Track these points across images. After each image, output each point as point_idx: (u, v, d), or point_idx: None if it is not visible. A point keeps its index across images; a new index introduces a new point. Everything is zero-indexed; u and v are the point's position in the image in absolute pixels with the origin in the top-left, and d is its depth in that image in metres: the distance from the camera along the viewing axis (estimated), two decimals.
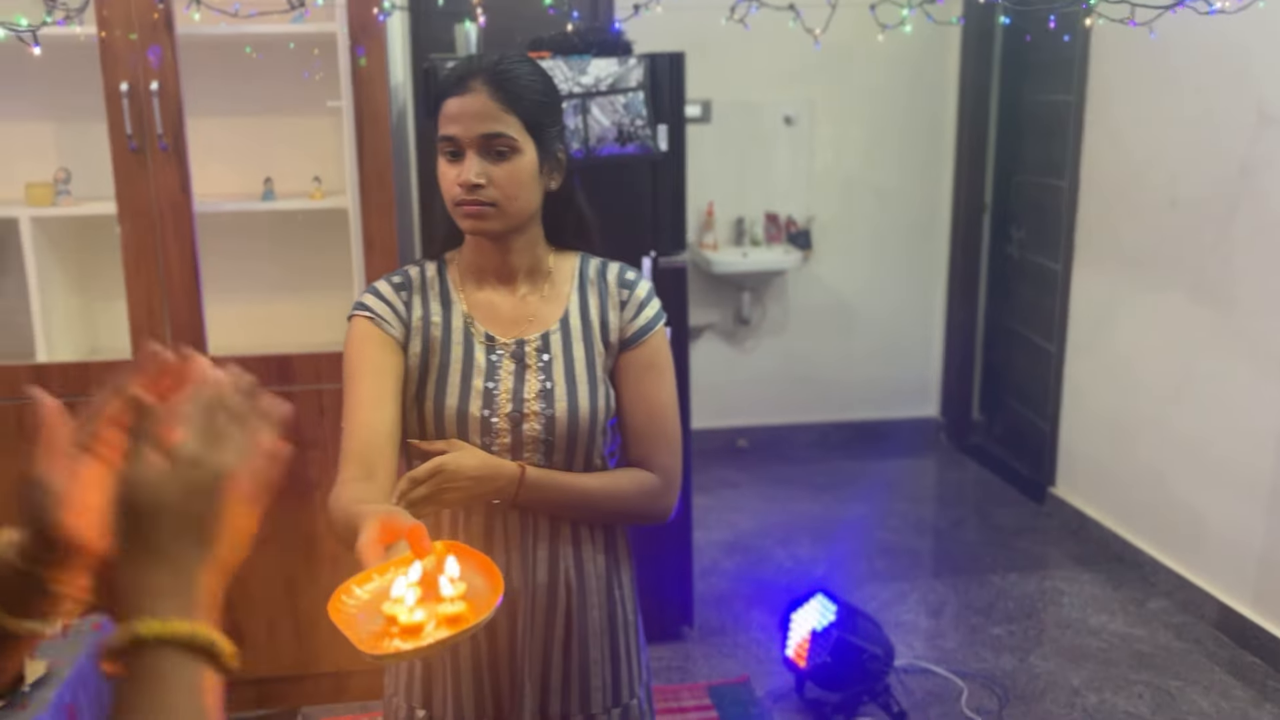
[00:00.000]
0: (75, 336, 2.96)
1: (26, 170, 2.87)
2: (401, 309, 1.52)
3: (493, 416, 1.48)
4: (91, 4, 2.50)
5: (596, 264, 1.59)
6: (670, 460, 1.55)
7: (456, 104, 1.42)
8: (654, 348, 1.55)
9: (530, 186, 1.45)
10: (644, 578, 3.17)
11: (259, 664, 2.96)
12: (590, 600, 1.56)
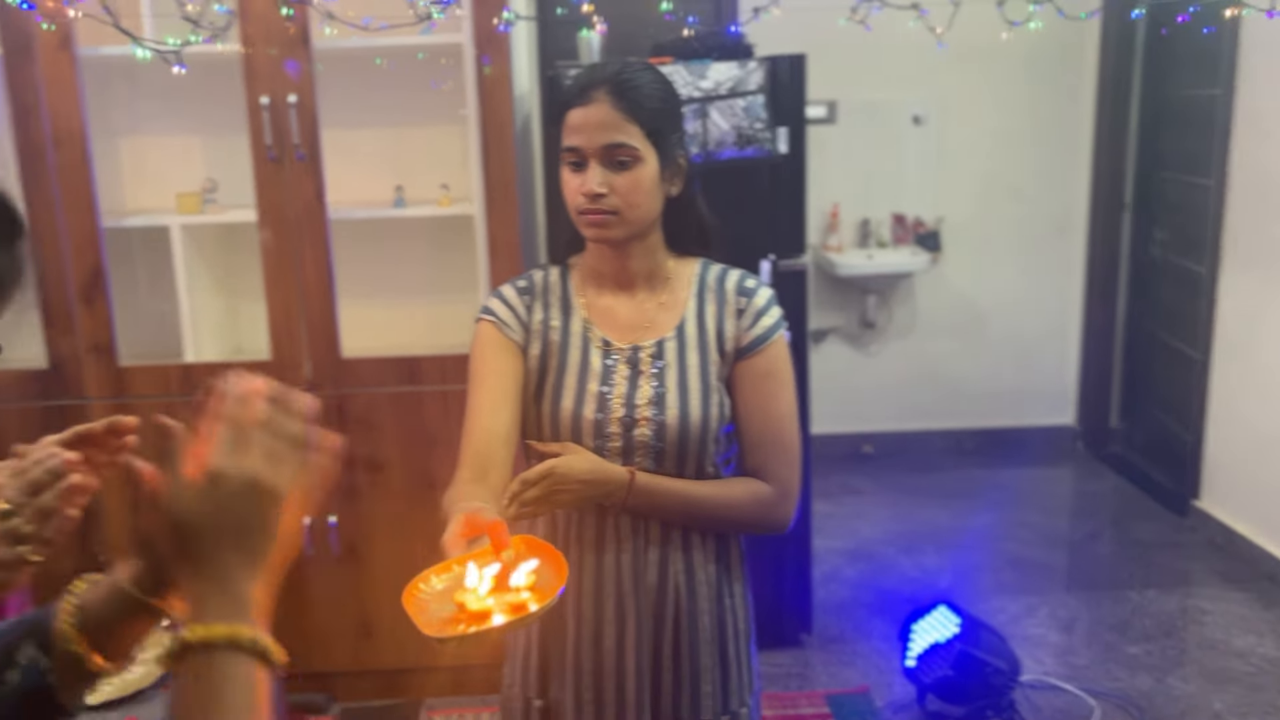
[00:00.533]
0: (219, 337, 3.12)
1: (177, 181, 3.05)
2: (523, 313, 1.56)
3: (605, 420, 1.50)
4: (235, 22, 2.64)
5: (717, 271, 1.59)
6: (786, 471, 1.54)
7: (579, 115, 1.45)
8: (771, 357, 1.54)
9: (651, 194, 1.47)
10: (762, 584, 3.15)
11: (385, 656, 3.07)
12: (700, 606, 1.56)
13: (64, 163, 2.75)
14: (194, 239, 2.98)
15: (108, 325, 2.84)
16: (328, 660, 3.06)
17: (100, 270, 2.81)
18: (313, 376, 2.91)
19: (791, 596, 3.30)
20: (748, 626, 1.64)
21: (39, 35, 2.66)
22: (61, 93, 2.71)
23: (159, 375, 2.89)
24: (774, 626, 3.26)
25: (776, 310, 1.56)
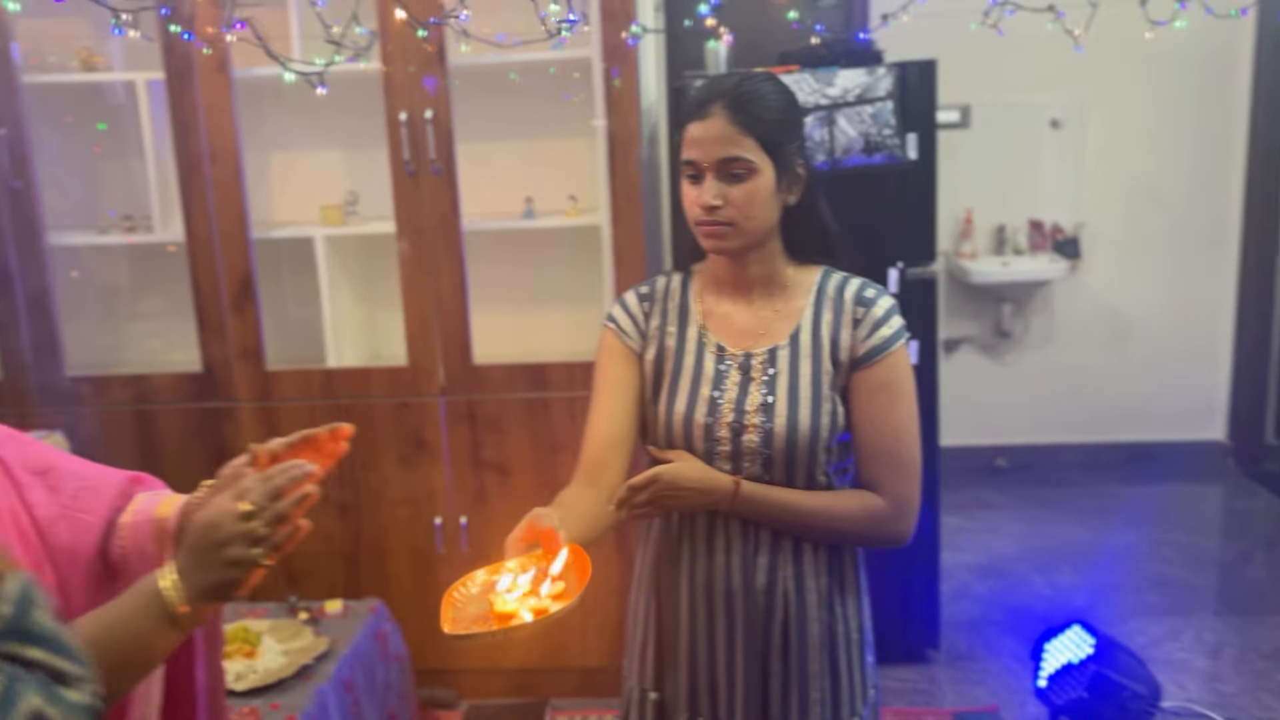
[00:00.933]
0: (359, 343, 3.26)
1: (321, 194, 3.19)
2: (641, 319, 1.62)
3: (715, 425, 1.53)
4: (376, 42, 2.75)
5: (838, 280, 1.58)
6: (901, 486, 1.52)
7: (697, 129, 1.48)
8: (888, 368, 1.52)
9: (767, 205, 1.49)
10: (887, 597, 3.10)
11: (512, 655, 3.14)
12: (809, 614, 1.56)
13: (219, 178, 2.92)
14: (336, 249, 3.11)
15: (256, 332, 3.00)
16: (456, 658, 3.15)
17: (250, 279, 2.97)
18: (445, 382, 3.00)
19: (918, 611, 3.24)
20: (862, 637, 1.63)
21: (199, 59, 2.83)
22: (217, 112, 2.88)
23: (303, 379, 3.04)
24: (899, 641, 3.20)
25: (897, 321, 1.54)
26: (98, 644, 0.97)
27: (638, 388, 1.60)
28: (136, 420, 3.08)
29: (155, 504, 1.27)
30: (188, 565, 1.05)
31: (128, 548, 1.24)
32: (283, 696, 2.33)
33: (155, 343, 3.33)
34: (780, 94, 1.51)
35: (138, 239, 3.13)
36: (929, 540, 3.18)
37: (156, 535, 1.24)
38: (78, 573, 1.21)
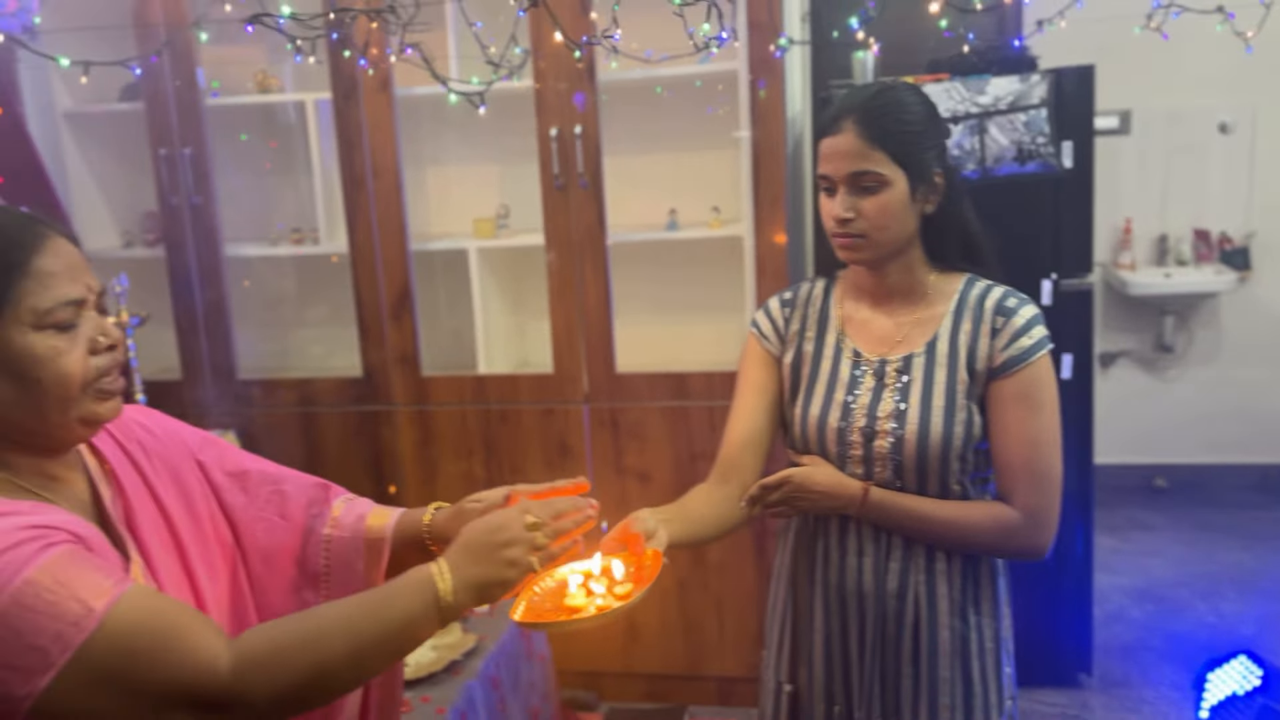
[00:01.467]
0: (508, 352, 3.36)
1: (474, 207, 3.32)
2: (781, 324, 1.67)
3: (848, 429, 1.56)
4: (529, 60, 2.84)
5: (980, 288, 1.57)
6: (1036, 499, 1.51)
7: (829, 144, 1.51)
8: (1027, 379, 1.50)
9: (900, 216, 1.50)
10: (1037, 618, 3.02)
11: (651, 660, 3.18)
12: (940, 620, 1.57)
13: (380, 192, 3.07)
14: (488, 261, 3.23)
15: (413, 339, 3.14)
16: (597, 660, 3.21)
17: (408, 289, 3.11)
18: (589, 389, 3.07)
19: (1069, 633, 3.12)
20: (998, 646, 1.61)
21: (363, 80, 2.99)
22: (380, 130, 3.02)
23: (455, 385, 3.16)
24: (1049, 663, 3.10)
25: (1039, 331, 1.52)
26: (360, 622, 1.04)
27: (775, 391, 1.66)
28: (301, 422, 3.26)
29: (362, 517, 1.34)
30: (461, 560, 1.11)
31: (332, 561, 1.31)
32: (433, 690, 2.43)
33: (319, 349, 3.51)
34: (915, 104, 1.52)
35: (304, 250, 3.32)
36: (1081, 561, 3.07)
37: (368, 551, 1.31)
38: (276, 575, 1.29)
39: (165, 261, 3.24)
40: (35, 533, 0.95)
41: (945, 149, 1.54)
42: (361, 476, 3.25)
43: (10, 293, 1.02)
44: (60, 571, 0.93)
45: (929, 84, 2.85)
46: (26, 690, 0.91)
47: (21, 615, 0.91)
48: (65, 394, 1.05)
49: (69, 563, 0.95)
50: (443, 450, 3.18)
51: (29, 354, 1.03)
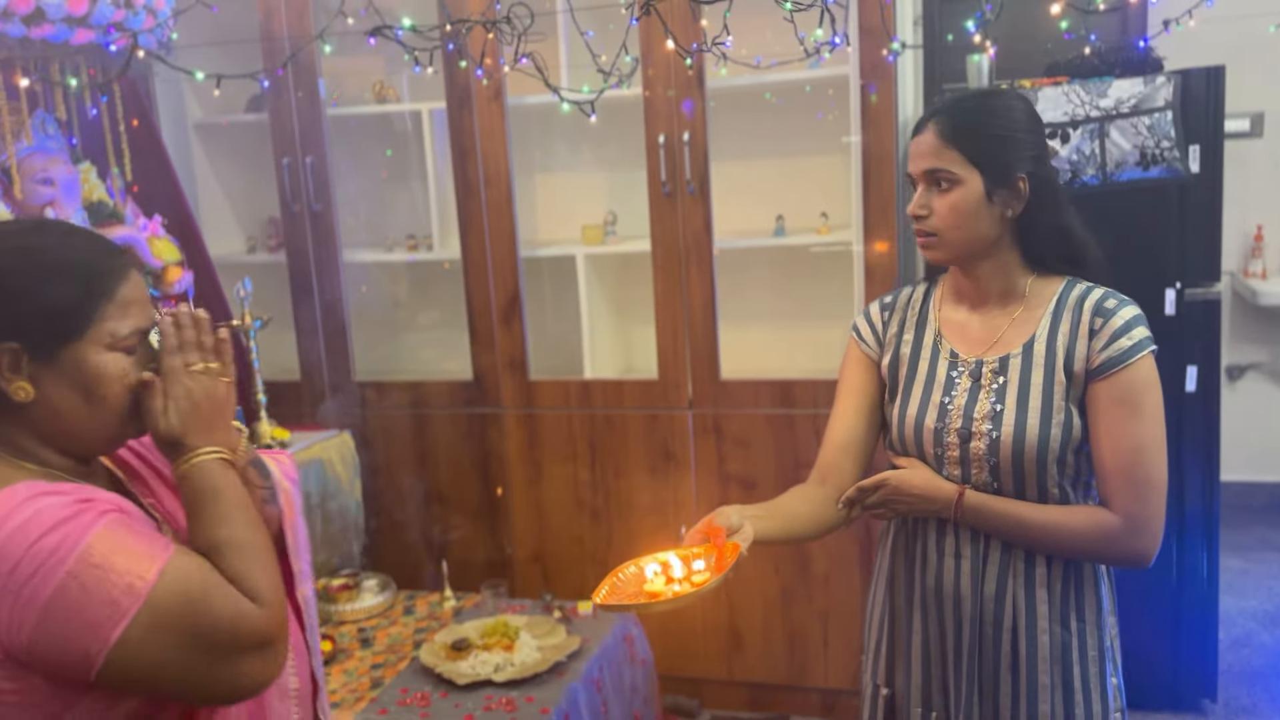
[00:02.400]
0: (614, 357, 3.39)
1: (582, 214, 3.35)
2: (880, 328, 1.69)
3: (944, 430, 1.56)
4: (639, 68, 2.87)
5: (1081, 289, 1.56)
6: (1136, 505, 1.47)
7: (914, 143, 1.56)
8: (1126, 381, 1.48)
9: (973, 215, 1.51)
10: (1160, 641, 2.91)
11: (754, 669, 3.16)
12: (1039, 625, 1.55)
13: (492, 200, 3.13)
14: (595, 267, 3.26)
15: (521, 344, 3.19)
16: (699, 667, 3.21)
17: (518, 295, 3.16)
18: (694, 396, 3.07)
19: (1192, 657, 2.99)
20: (1101, 655, 1.58)
21: (477, 89, 3.05)
22: (492, 138, 3.08)
23: (561, 390, 3.20)
24: (1170, 687, 2.98)
25: (1139, 332, 1.49)
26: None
27: (874, 395, 1.68)
28: (413, 423, 3.34)
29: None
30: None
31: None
32: (536, 690, 2.46)
33: (431, 352, 3.60)
34: (1005, 110, 1.53)
35: (418, 256, 3.40)
36: (1206, 582, 2.94)
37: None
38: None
39: (286, 266, 3.36)
40: (86, 505, 1.06)
41: (1039, 158, 1.54)
42: (470, 477, 3.32)
43: (95, 315, 1.14)
44: (116, 535, 1.05)
45: (1047, 87, 2.77)
46: (100, 643, 1.02)
47: (91, 573, 1.02)
48: (124, 410, 1.18)
49: (122, 527, 1.07)
50: (548, 453, 3.22)
51: (101, 372, 1.15)
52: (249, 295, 3.00)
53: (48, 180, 2.62)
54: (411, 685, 2.52)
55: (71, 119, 2.77)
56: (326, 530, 3.14)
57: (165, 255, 2.90)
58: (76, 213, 2.69)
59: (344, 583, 3.04)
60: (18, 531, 1.02)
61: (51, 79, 2.63)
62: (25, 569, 1.01)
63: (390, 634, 2.89)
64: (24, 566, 1.01)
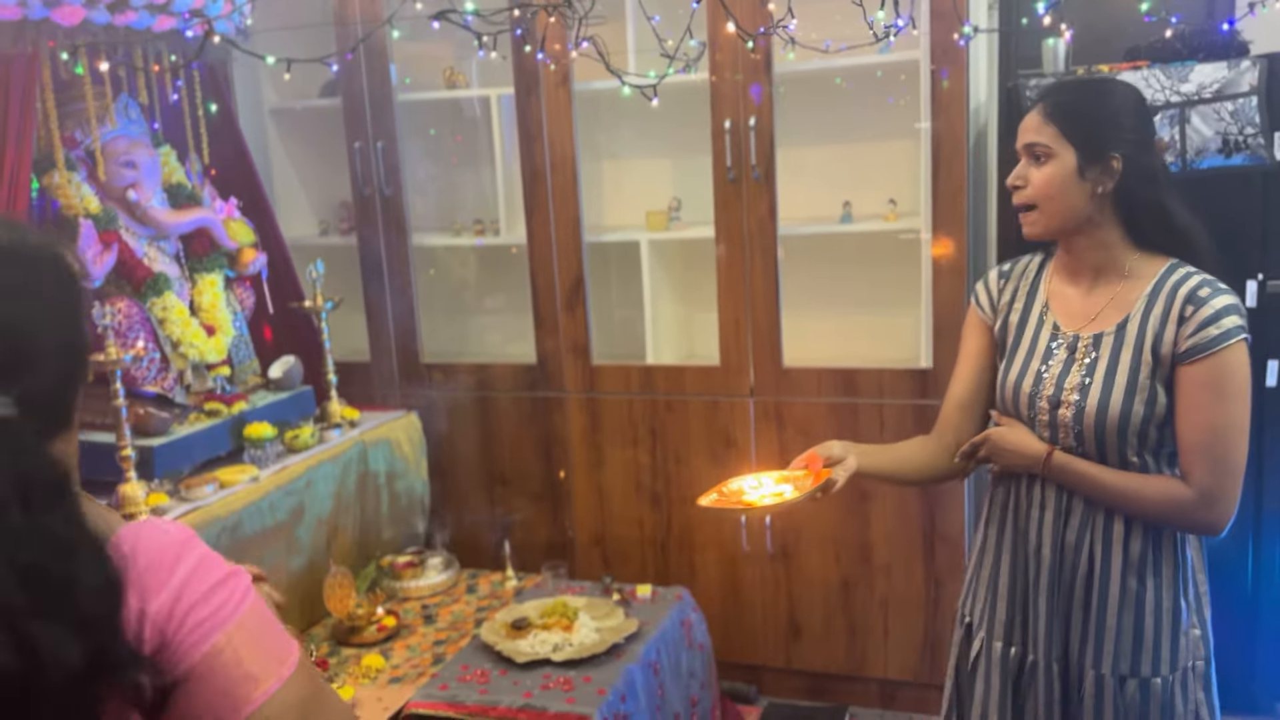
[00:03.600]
0: (676, 343, 3.39)
1: (647, 200, 3.35)
2: (995, 295, 1.83)
3: (1038, 396, 1.70)
4: (705, 53, 2.86)
5: (1180, 274, 1.63)
6: (1211, 480, 1.57)
7: (1023, 121, 1.70)
8: (1211, 368, 1.56)
9: (1064, 188, 1.63)
10: (1234, 641, 2.84)
11: (813, 658, 3.15)
12: (1112, 575, 1.67)
13: (558, 185, 3.15)
14: (659, 253, 3.26)
15: (584, 329, 3.21)
16: (757, 654, 3.21)
17: (581, 280, 3.18)
18: (755, 383, 3.06)
19: (1269, 660, 2.91)
20: (1175, 609, 1.67)
21: (544, 75, 3.07)
22: (559, 124, 3.10)
23: (623, 375, 3.21)
24: (1245, 690, 2.90)
25: (1228, 321, 1.56)
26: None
27: (990, 356, 1.82)
28: (478, 406, 3.39)
29: None
30: None
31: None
32: (594, 671, 2.48)
33: (497, 336, 3.64)
34: (1107, 94, 1.65)
35: (485, 241, 3.44)
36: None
37: None
38: None
39: (357, 249, 3.43)
40: (234, 567, 0.97)
41: (1138, 142, 1.63)
42: (533, 460, 3.35)
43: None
44: (264, 608, 0.96)
45: (1125, 72, 2.70)
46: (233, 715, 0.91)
47: (246, 637, 0.92)
48: None
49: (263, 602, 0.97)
50: (610, 438, 3.24)
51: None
52: (320, 277, 3.07)
53: (130, 163, 2.71)
54: (472, 662, 2.57)
55: (153, 104, 2.85)
56: (393, 509, 3.20)
57: (240, 237, 2.98)
58: (157, 195, 2.78)
59: (409, 560, 3.09)
60: (200, 567, 0.91)
61: (134, 64, 2.71)
62: (198, 615, 0.89)
63: (453, 611, 2.95)
64: (197, 612, 0.89)
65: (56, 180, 2.60)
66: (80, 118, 2.66)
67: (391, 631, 2.80)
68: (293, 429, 2.93)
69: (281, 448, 2.88)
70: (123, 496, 2.44)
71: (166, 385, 2.71)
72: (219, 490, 2.60)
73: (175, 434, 2.67)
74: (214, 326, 2.83)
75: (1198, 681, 1.69)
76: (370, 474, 3.09)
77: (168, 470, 2.62)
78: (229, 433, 2.80)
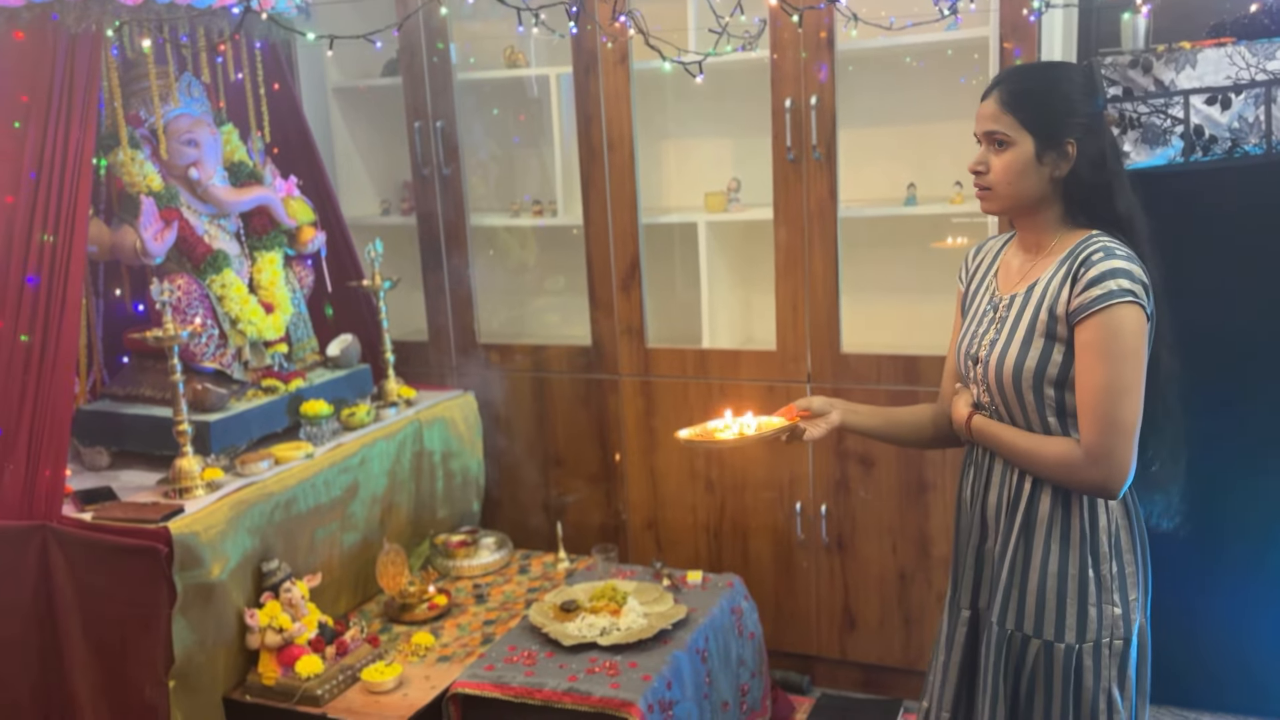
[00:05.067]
0: (733, 327, 3.34)
1: (706, 181, 3.30)
2: (970, 266, 1.94)
3: (969, 355, 1.81)
4: (766, 30, 2.79)
5: (1087, 241, 1.69)
6: (1097, 439, 1.61)
7: (980, 108, 1.75)
8: (1095, 326, 1.61)
9: (1023, 173, 1.70)
10: (1267, 643, 2.70)
11: (868, 650, 3.10)
12: (1013, 534, 1.75)
13: (615, 165, 3.11)
14: (717, 235, 3.21)
15: (640, 311, 3.18)
16: (811, 644, 3.16)
17: (637, 262, 3.15)
18: (812, 369, 3.01)
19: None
20: (1084, 576, 1.70)
21: (603, 54, 3.03)
22: (617, 103, 3.06)
23: (678, 358, 3.17)
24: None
25: (1111, 284, 1.61)
26: None
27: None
28: (533, 386, 3.38)
29: None
30: None
31: None
32: (640, 656, 2.46)
33: (554, 317, 3.63)
34: (1060, 80, 1.72)
35: (544, 222, 3.42)
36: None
37: None
38: None
39: (416, 229, 3.44)
40: None
41: (1090, 126, 1.69)
42: (587, 442, 3.34)
43: None
44: None
45: (1208, 49, 2.57)
46: None
47: None
48: None
49: None
50: (664, 421, 3.21)
51: None
52: (379, 256, 3.08)
53: (192, 142, 2.74)
54: (519, 643, 2.56)
55: (216, 82, 2.88)
56: (448, 488, 3.21)
57: (300, 215, 3.00)
58: (218, 173, 2.81)
59: (462, 539, 3.11)
60: None
61: (196, 43, 2.74)
62: None
63: (504, 591, 2.95)
64: None
65: (120, 158, 2.64)
66: (144, 96, 2.70)
67: (442, 610, 2.81)
68: (349, 407, 2.96)
69: (337, 425, 2.91)
70: (179, 471, 2.48)
71: (224, 361, 2.75)
72: (274, 466, 2.63)
73: (232, 410, 2.70)
74: (272, 304, 2.86)
75: (1113, 660, 1.72)
76: (425, 453, 3.10)
77: (224, 445, 2.66)
78: (285, 409, 2.84)
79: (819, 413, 1.95)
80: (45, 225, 2.38)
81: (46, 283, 2.37)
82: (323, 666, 2.45)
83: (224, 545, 2.40)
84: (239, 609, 2.46)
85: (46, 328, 2.38)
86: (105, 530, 2.35)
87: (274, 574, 2.52)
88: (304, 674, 2.42)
